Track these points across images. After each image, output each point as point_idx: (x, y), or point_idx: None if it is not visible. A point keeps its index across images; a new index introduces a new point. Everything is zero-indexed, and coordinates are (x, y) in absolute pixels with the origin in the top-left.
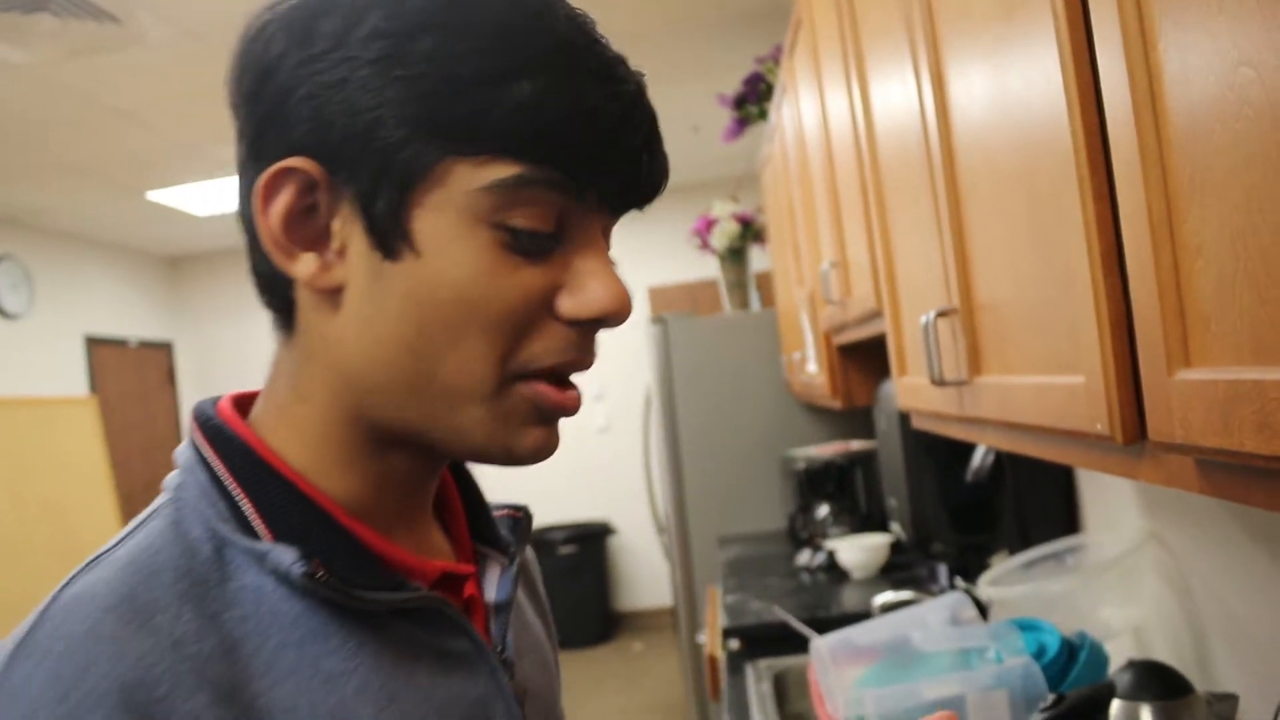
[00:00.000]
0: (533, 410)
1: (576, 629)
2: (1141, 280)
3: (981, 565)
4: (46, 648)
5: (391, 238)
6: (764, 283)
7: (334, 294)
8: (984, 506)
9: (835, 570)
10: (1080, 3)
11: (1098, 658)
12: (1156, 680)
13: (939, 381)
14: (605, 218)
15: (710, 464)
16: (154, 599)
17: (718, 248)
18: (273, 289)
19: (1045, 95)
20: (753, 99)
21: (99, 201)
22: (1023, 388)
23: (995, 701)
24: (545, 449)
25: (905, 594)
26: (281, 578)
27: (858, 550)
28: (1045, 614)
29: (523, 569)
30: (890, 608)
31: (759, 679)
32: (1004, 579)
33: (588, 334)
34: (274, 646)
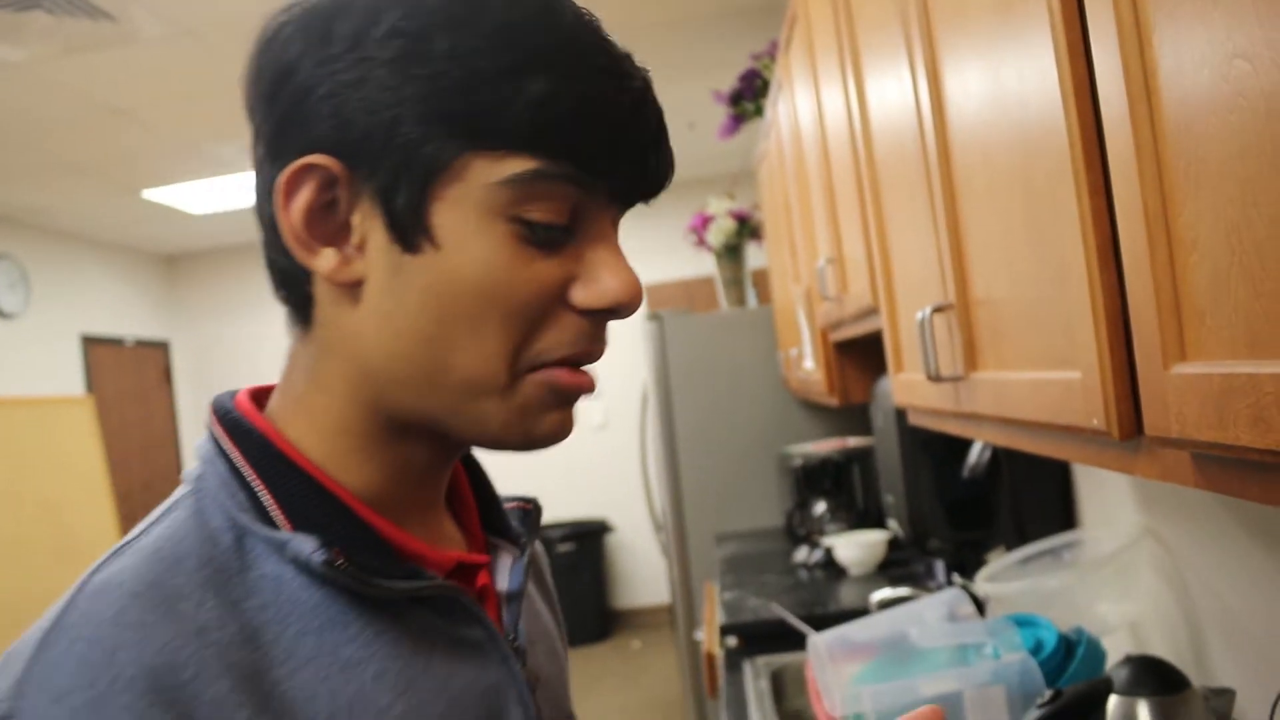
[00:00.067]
0: (548, 396)
1: (574, 627)
2: (1137, 275)
3: (978, 561)
4: (75, 633)
5: (412, 232)
6: (760, 279)
7: (353, 288)
8: (981, 503)
9: (832, 567)
10: None
11: (1095, 653)
12: (1153, 675)
13: (935, 377)
14: (614, 210)
15: (707, 461)
16: (177, 586)
17: (714, 245)
18: (290, 283)
19: (1040, 90)
20: (749, 95)
21: (95, 200)
22: (1019, 383)
23: (992, 697)
24: (562, 431)
25: (902, 590)
26: (301, 566)
27: (855, 547)
28: (1042, 610)
29: (532, 560)
30: (887, 604)
31: (757, 676)
32: (1001, 575)
33: (599, 324)
34: (294, 634)
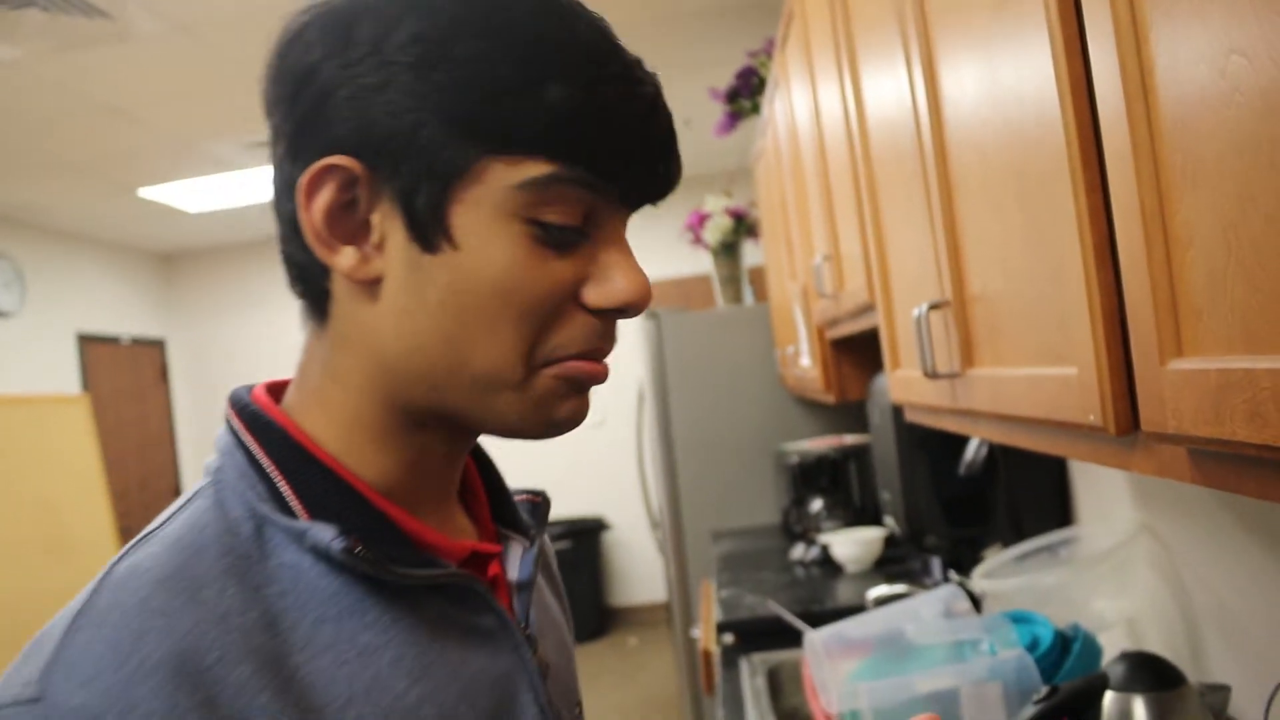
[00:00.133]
0: (563, 385)
1: None
2: (1133, 271)
3: (975, 558)
4: (103, 618)
5: (431, 232)
6: (757, 277)
7: (372, 285)
8: (977, 499)
9: (829, 564)
10: None
11: (1091, 650)
12: (1149, 672)
13: (932, 374)
14: (625, 211)
15: (704, 459)
16: (200, 574)
17: (710, 242)
18: (307, 279)
19: (1037, 87)
20: (745, 93)
21: (90, 198)
22: (1015, 380)
23: (989, 694)
24: (578, 416)
25: (899, 587)
26: (320, 555)
27: (851, 544)
28: (1039, 606)
29: (541, 552)
30: (884, 601)
31: (753, 673)
32: (997, 572)
33: (610, 323)
34: (313, 621)
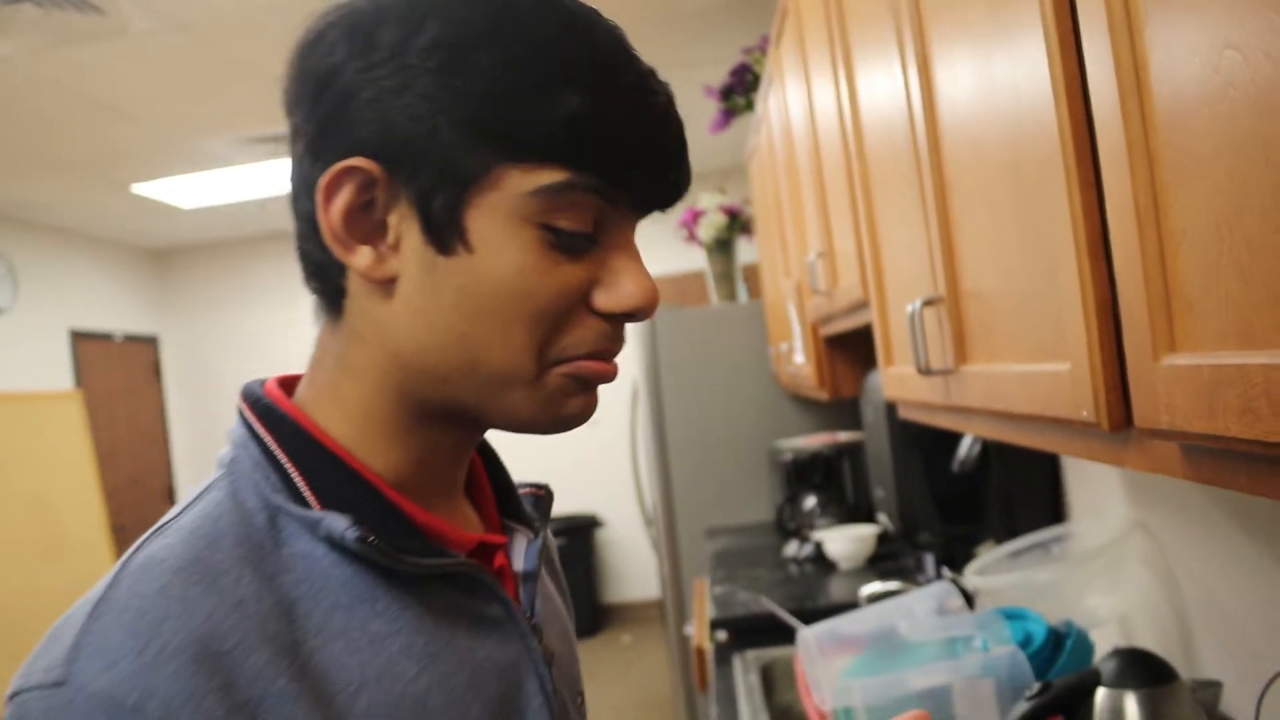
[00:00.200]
0: (573, 383)
1: None
2: (1127, 266)
3: (968, 555)
4: (123, 605)
5: (447, 234)
6: (751, 274)
7: (387, 284)
8: (970, 497)
9: (822, 561)
10: None
11: (1083, 646)
12: (1141, 668)
13: (925, 370)
14: (634, 218)
15: (697, 456)
16: (217, 562)
17: (704, 239)
18: (323, 275)
19: (1032, 83)
20: (740, 90)
21: (83, 195)
22: (1009, 376)
23: (982, 690)
24: (586, 412)
25: (892, 584)
26: (333, 544)
27: (845, 541)
28: (1031, 603)
29: (544, 545)
30: (877, 598)
31: (746, 670)
32: (990, 568)
33: (618, 325)
34: (326, 608)
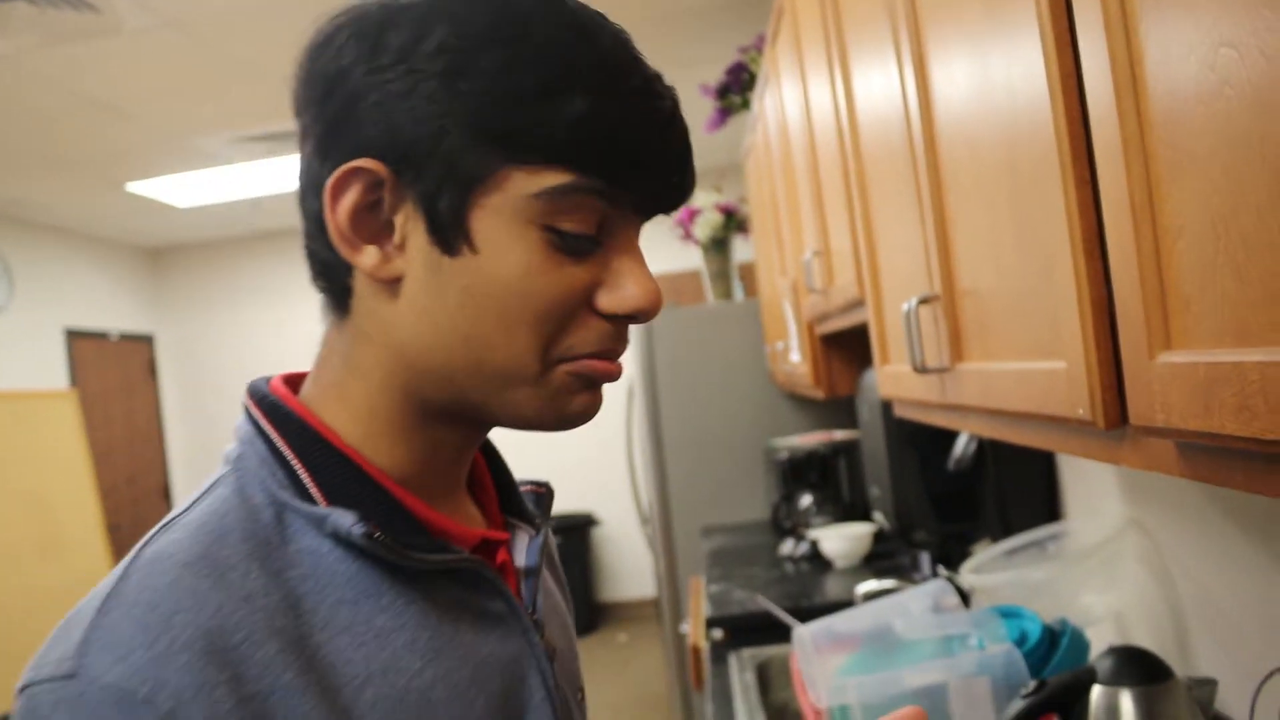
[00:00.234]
0: (577, 381)
1: None
2: (1123, 264)
3: (964, 553)
4: (134, 599)
5: (452, 235)
6: (747, 273)
7: (393, 284)
8: (966, 495)
9: (818, 560)
10: None
11: (1079, 644)
12: (1137, 666)
13: (921, 369)
14: (639, 221)
15: (693, 454)
16: (225, 558)
17: (701, 238)
18: (330, 274)
19: (1027, 82)
20: (736, 89)
21: (78, 193)
22: (1004, 374)
23: (977, 688)
24: (591, 409)
25: (888, 582)
26: (339, 540)
27: (841, 539)
28: (1027, 601)
29: (545, 541)
30: (873, 596)
31: (742, 668)
32: (986, 567)
33: (622, 326)
34: (331, 603)
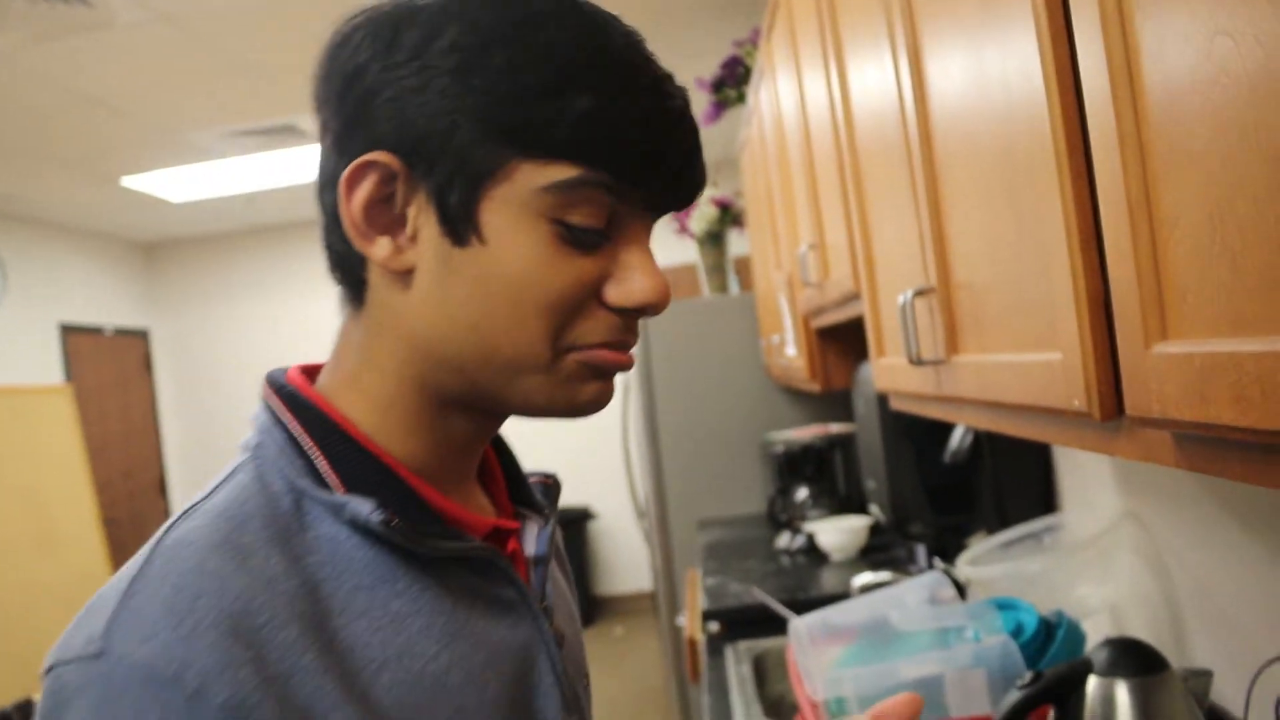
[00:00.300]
0: (588, 370)
1: None
2: (1119, 255)
3: (960, 546)
4: (159, 582)
5: (462, 227)
6: (742, 267)
7: (405, 275)
8: (962, 487)
9: (814, 552)
10: None
11: (1075, 636)
12: (1132, 657)
13: (917, 361)
14: (648, 217)
15: (689, 448)
16: (247, 542)
17: (696, 232)
18: (345, 266)
19: (1023, 73)
20: (731, 82)
21: (73, 188)
22: (1000, 366)
23: (973, 680)
24: (602, 398)
25: (884, 575)
26: (357, 527)
27: (837, 532)
28: (1023, 593)
29: (553, 531)
30: (869, 588)
31: (738, 661)
32: (982, 559)
33: (630, 320)
34: (349, 589)
